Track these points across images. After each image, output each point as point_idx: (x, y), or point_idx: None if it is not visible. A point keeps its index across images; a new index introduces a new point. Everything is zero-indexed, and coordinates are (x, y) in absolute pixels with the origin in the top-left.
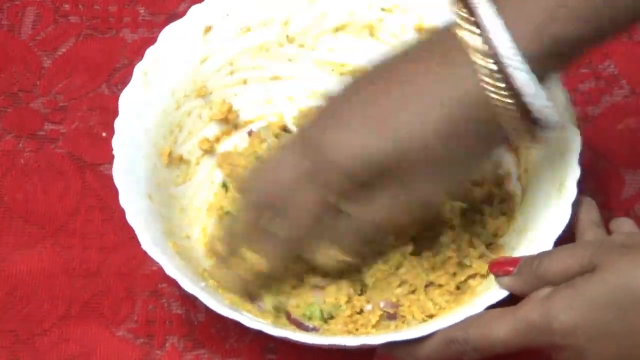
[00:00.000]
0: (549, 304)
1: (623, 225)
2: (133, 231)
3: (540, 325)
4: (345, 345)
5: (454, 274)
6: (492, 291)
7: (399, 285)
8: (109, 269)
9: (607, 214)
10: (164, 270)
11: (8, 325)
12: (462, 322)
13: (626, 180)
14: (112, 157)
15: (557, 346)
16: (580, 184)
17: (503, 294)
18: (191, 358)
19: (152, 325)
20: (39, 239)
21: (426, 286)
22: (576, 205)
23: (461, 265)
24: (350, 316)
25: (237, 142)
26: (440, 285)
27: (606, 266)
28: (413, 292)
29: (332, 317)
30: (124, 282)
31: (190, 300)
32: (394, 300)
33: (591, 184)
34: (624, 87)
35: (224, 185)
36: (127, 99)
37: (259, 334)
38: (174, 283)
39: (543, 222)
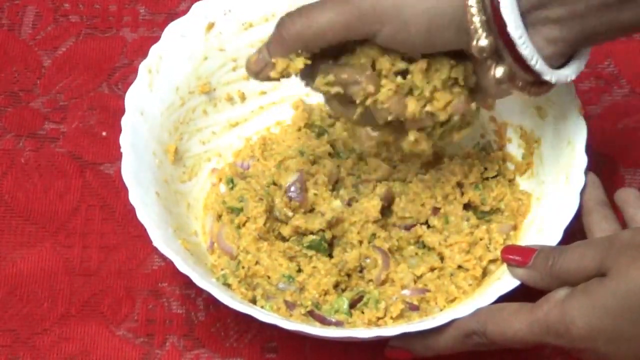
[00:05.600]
0: (566, 309)
1: (628, 197)
2: (134, 230)
3: (558, 329)
4: (358, 337)
5: (480, 258)
6: (511, 277)
7: (430, 270)
8: (109, 268)
9: None
10: (164, 270)
11: (8, 324)
12: (479, 314)
13: (626, 180)
14: (113, 156)
15: (576, 348)
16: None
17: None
18: (191, 357)
19: (152, 324)
20: (39, 238)
21: (456, 269)
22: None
23: (487, 249)
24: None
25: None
26: (467, 270)
27: (618, 272)
28: (439, 277)
29: (361, 301)
30: (124, 281)
31: (190, 300)
32: (421, 286)
33: None
34: (624, 86)
35: (229, 182)
36: (133, 96)
37: (259, 333)
38: (174, 282)
39: (552, 211)
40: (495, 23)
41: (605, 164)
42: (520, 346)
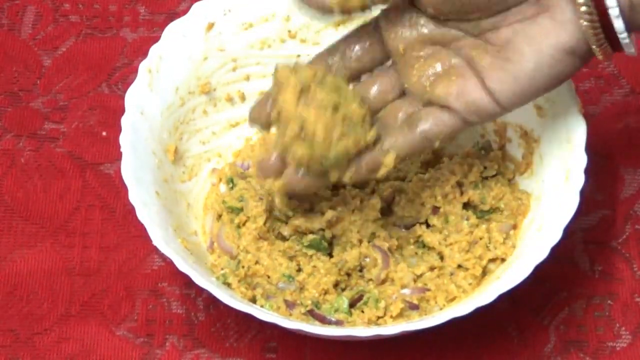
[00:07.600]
0: None
1: None
2: (134, 230)
3: None
4: (358, 336)
5: (480, 257)
6: (511, 276)
7: (430, 269)
8: (109, 268)
9: (607, 214)
10: (164, 270)
11: (8, 324)
12: None
13: (626, 180)
14: (113, 156)
15: None
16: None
17: (521, 277)
18: (191, 357)
19: (152, 324)
20: (39, 238)
21: (455, 268)
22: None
23: (487, 248)
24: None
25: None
26: (467, 269)
27: None
28: (439, 277)
29: (361, 300)
30: (124, 281)
31: (190, 300)
32: (420, 285)
33: (591, 184)
34: (624, 86)
35: (229, 182)
36: (133, 96)
37: (259, 333)
38: (174, 282)
39: (552, 210)
40: None
41: (605, 164)
42: None
